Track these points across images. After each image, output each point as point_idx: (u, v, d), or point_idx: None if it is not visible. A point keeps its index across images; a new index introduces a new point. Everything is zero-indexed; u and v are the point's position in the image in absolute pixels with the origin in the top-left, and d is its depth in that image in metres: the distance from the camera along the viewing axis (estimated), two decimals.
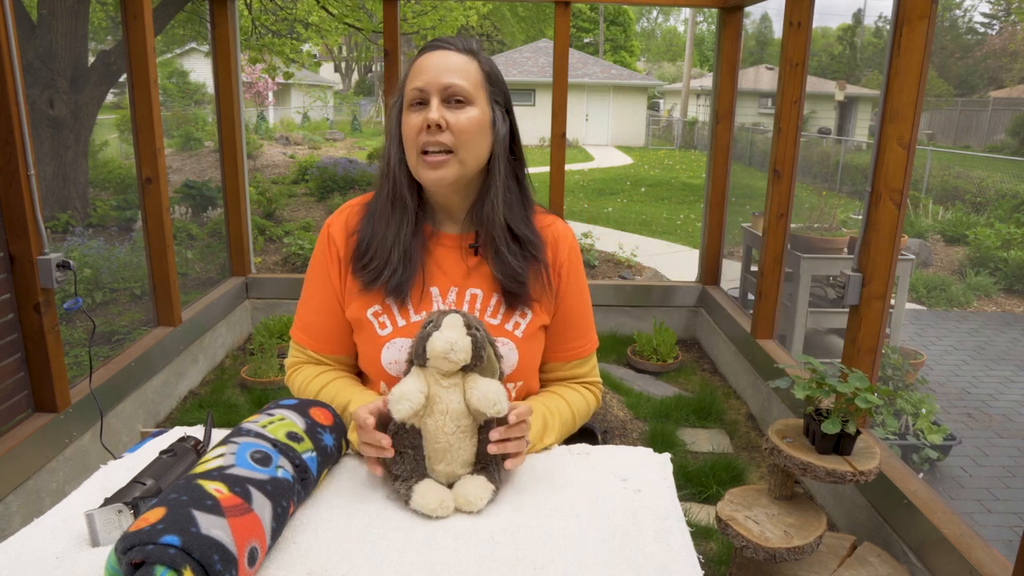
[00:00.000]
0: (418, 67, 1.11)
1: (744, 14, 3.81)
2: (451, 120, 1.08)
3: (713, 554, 2.24)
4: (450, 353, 0.94)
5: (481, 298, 1.17)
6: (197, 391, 3.45)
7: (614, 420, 3.07)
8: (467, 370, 0.98)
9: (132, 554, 0.71)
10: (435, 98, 1.09)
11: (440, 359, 0.95)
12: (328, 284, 1.20)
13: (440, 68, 1.10)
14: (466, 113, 1.10)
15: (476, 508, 0.94)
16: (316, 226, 7.61)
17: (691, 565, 0.85)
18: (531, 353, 1.20)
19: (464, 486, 0.96)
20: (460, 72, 1.10)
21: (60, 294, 2.54)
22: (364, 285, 1.16)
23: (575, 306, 1.24)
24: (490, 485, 0.97)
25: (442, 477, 0.98)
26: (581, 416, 1.27)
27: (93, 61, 5.85)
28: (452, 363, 0.95)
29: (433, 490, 0.95)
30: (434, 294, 1.17)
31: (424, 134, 1.09)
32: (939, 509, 1.89)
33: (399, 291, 1.14)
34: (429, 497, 0.93)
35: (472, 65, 1.12)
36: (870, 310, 2.22)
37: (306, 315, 1.24)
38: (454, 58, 1.11)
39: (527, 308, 1.18)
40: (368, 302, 1.17)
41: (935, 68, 25.66)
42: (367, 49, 21.45)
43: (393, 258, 1.14)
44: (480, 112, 1.11)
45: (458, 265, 1.18)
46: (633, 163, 18.38)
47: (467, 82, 1.10)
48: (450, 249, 1.19)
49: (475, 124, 1.10)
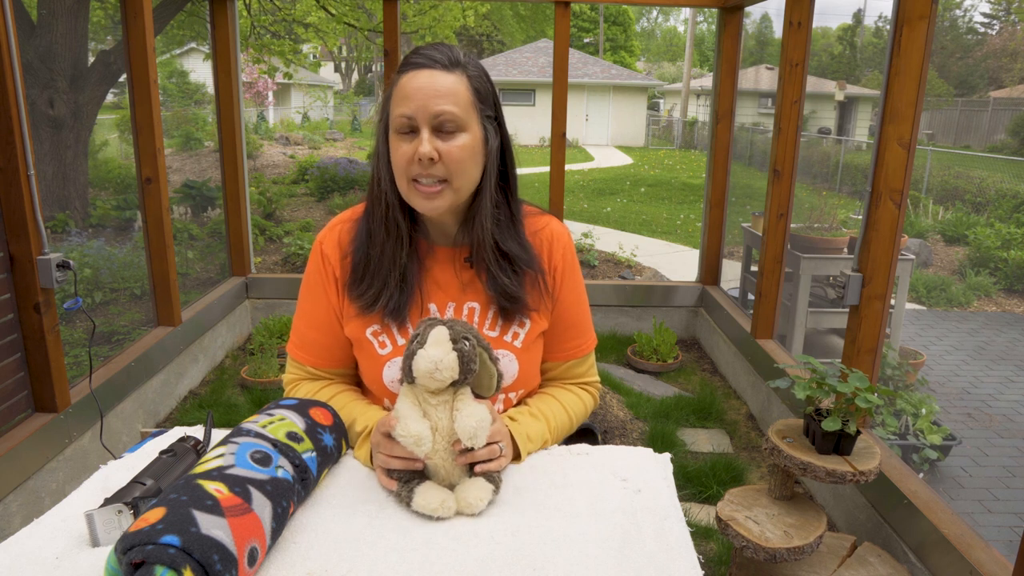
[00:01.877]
0: (403, 91, 1.04)
1: (744, 14, 3.81)
2: (443, 150, 1.04)
3: (713, 554, 2.23)
4: (435, 372, 0.93)
5: (479, 311, 1.16)
6: (197, 391, 3.45)
7: (614, 420, 3.07)
8: (458, 385, 0.97)
9: (132, 554, 0.71)
10: (425, 129, 1.03)
11: (426, 378, 0.94)
12: (325, 302, 1.18)
13: (428, 94, 1.02)
14: (458, 141, 1.04)
15: (476, 511, 0.94)
16: (316, 226, 7.61)
17: (691, 565, 0.85)
18: (531, 362, 1.20)
19: (464, 489, 0.96)
20: (450, 97, 1.03)
21: (60, 294, 2.54)
22: (361, 309, 1.14)
23: (571, 306, 1.23)
24: (489, 486, 0.97)
25: (442, 483, 0.98)
26: (578, 417, 1.27)
27: (93, 61, 5.85)
28: (438, 381, 0.94)
29: (434, 491, 0.95)
30: (432, 310, 1.16)
31: (416, 165, 1.04)
32: (939, 509, 1.89)
33: (397, 313, 1.13)
34: (430, 497, 0.93)
35: (461, 84, 1.05)
36: (870, 310, 2.22)
37: (304, 331, 1.21)
38: (441, 80, 1.04)
39: (525, 318, 1.17)
40: (367, 322, 1.15)
41: (935, 68, 25.66)
42: (367, 49, 21.45)
43: (391, 283, 1.12)
44: (472, 136, 1.06)
45: (454, 279, 1.17)
46: (633, 163, 18.39)
47: (457, 107, 1.04)
48: (445, 264, 1.17)
49: (468, 152, 1.06)
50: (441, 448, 0.96)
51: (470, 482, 0.97)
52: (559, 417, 1.21)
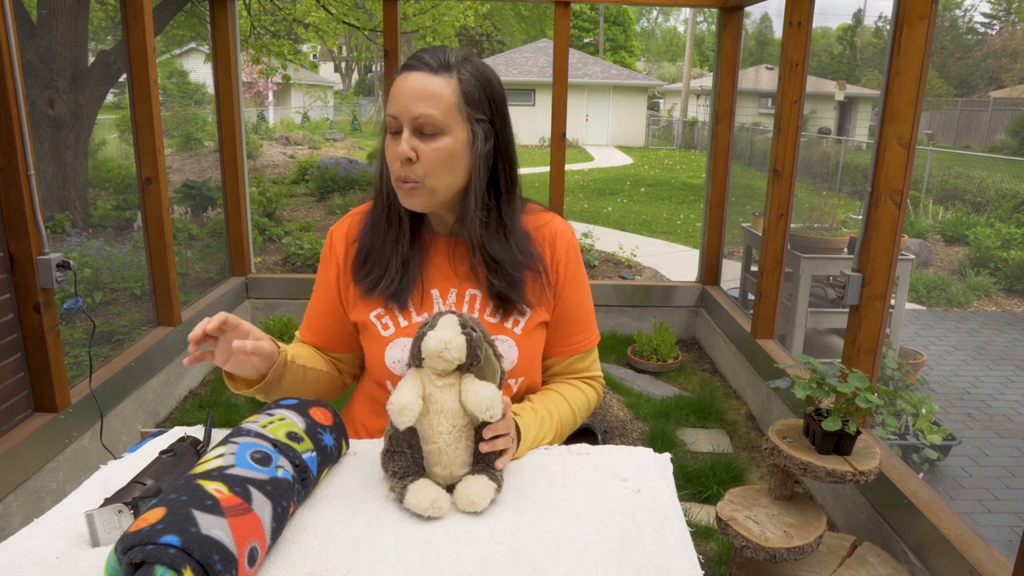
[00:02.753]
0: (394, 91, 1.09)
1: (744, 14, 3.82)
2: (420, 151, 1.08)
3: (713, 554, 2.24)
4: (444, 352, 0.94)
5: (480, 298, 1.19)
6: (197, 391, 3.45)
7: (614, 420, 3.07)
8: (463, 370, 0.98)
9: (132, 554, 0.71)
10: (406, 129, 1.08)
11: (434, 358, 0.94)
12: (327, 286, 1.25)
13: (411, 96, 1.06)
14: (434, 144, 1.08)
15: (479, 508, 0.94)
16: (316, 226, 7.61)
17: (691, 565, 0.85)
18: (531, 348, 1.21)
19: (467, 486, 0.96)
20: (432, 100, 1.06)
21: (60, 294, 2.54)
22: (364, 293, 1.20)
23: (575, 302, 1.25)
24: (492, 484, 0.96)
25: (441, 480, 0.97)
26: (582, 412, 1.28)
27: (93, 61, 5.85)
28: (446, 362, 0.95)
29: (426, 489, 0.94)
30: (435, 296, 1.20)
31: (397, 164, 1.09)
32: (939, 509, 1.89)
33: (398, 296, 1.17)
34: (421, 496, 0.93)
35: (448, 87, 1.07)
36: (870, 310, 2.23)
37: (312, 316, 1.29)
38: (427, 82, 1.07)
39: (525, 307, 1.19)
40: (371, 306, 1.20)
41: (935, 68, 25.67)
42: (367, 49, 21.46)
43: (391, 269, 1.17)
44: (452, 140, 1.08)
45: (455, 268, 1.20)
46: (633, 163, 18.38)
47: (437, 110, 1.06)
48: (446, 253, 1.21)
49: (443, 155, 1.08)
50: (445, 431, 0.96)
51: (472, 479, 0.96)
52: (562, 411, 1.23)
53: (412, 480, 0.96)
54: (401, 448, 0.98)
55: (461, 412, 0.97)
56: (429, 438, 0.96)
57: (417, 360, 0.97)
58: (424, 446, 0.97)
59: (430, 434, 0.96)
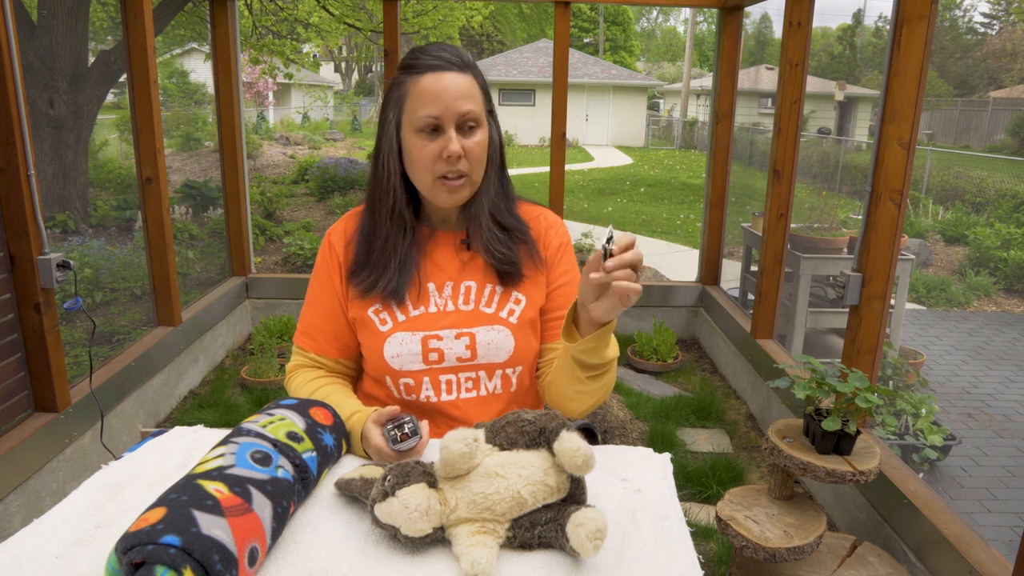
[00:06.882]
0: (426, 91, 1.10)
1: (744, 14, 3.81)
2: (466, 147, 1.12)
3: (713, 554, 2.24)
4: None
5: (475, 289, 1.23)
6: (197, 391, 3.45)
7: (614, 420, 3.07)
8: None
9: (132, 554, 0.71)
10: (452, 128, 1.11)
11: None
12: (331, 288, 1.25)
13: (453, 95, 1.10)
14: (476, 137, 1.14)
15: (603, 539, 0.81)
16: (316, 226, 7.61)
17: (691, 565, 0.85)
18: (526, 340, 1.23)
19: (581, 515, 0.82)
20: (470, 97, 1.12)
21: (60, 294, 2.54)
22: (362, 292, 1.21)
23: (571, 284, 1.28)
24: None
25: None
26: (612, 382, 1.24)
27: (93, 61, 5.86)
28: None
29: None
30: (431, 289, 1.22)
31: (443, 163, 1.12)
32: (939, 509, 1.89)
33: (396, 294, 1.19)
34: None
35: (474, 84, 1.14)
36: (870, 310, 2.23)
37: (309, 319, 1.27)
38: (461, 80, 1.12)
39: (521, 294, 1.22)
40: (369, 302, 1.22)
41: (935, 68, 25.68)
42: (367, 49, 21.45)
43: (390, 269, 1.19)
44: (485, 132, 1.16)
45: (453, 260, 1.24)
46: (633, 163, 18.38)
47: (476, 106, 1.13)
48: (445, 247, 1.24)
49: (484, 148, 1.16)
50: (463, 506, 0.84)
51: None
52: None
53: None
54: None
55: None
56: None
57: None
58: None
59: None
